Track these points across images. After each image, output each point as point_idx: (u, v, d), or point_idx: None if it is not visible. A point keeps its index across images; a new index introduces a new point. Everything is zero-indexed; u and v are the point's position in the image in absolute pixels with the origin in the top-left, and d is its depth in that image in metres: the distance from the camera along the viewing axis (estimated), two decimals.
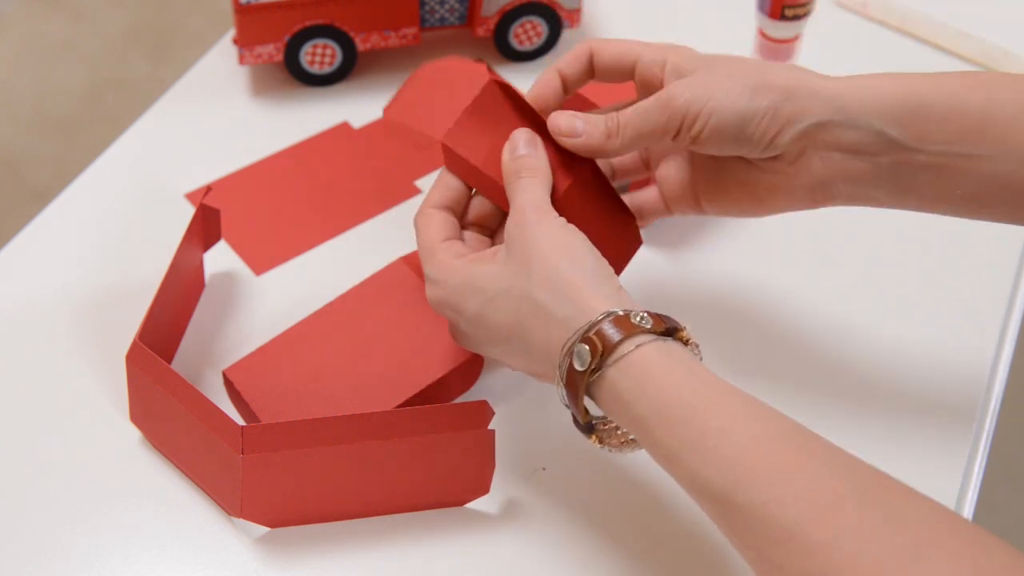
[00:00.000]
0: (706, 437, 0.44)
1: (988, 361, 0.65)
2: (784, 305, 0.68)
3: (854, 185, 0.54)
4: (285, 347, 0.61)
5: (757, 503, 0.42)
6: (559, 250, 0.50)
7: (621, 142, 0.54)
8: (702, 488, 0.44)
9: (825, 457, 0.44)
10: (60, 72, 1.93)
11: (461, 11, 0.83)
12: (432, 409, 0.54)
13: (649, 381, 0.46)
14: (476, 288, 0.52)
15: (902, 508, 0.41)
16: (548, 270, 0.49)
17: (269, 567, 0.55)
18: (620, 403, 0.47)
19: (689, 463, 0.45)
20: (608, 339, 0.47)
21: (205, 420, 0.54)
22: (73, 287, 0.68)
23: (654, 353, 0.47)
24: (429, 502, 0.57)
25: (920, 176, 0.53)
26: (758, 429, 0.44)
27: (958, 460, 0.60)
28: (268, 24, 0.79)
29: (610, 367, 0.47)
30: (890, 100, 0.52)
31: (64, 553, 0.56)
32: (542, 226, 0.51)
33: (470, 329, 0.54)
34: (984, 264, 0.70)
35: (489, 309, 0.51)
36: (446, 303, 0.54)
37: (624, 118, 0.54)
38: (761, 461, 0.43)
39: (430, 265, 0.54)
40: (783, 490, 0.42)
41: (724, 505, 0.43)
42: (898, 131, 0.52)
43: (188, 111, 0.81)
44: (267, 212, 0.74)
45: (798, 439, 0.44)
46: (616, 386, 0.47)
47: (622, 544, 0.56)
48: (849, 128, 0.52)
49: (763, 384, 0.63)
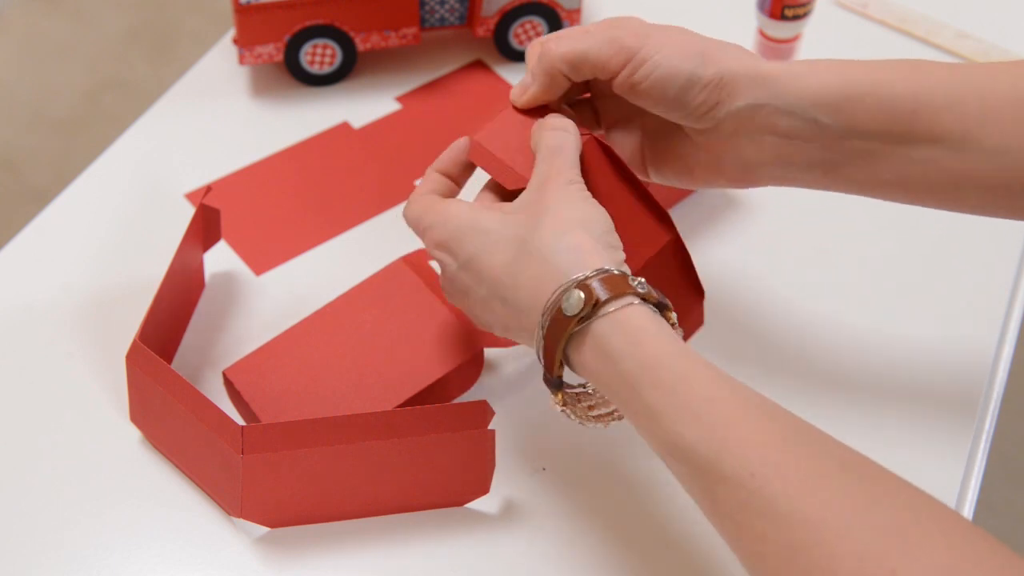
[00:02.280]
0: (693, 403, 0.44)
1: (988, 361, 0.65)
2: (783, 301, 0.68)
3: (784, 168, 0.55)
4: (285, 347, 0.61)
5: (744, 473, 0.42)
6: (575, 213, 0.50)
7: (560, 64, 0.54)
8: (684, 454, 0.44)
9: (813, 438, 0.44)
10: (60, 72, 1.93)
11: (461, 11, 0.83)
12: (432, 409, 0.54)
13: (641, 339, 0.46)
14: (480, 230, 0.51)
15: (888, 489, 0.41)
16: (558, 223, 0.49)
17: (269, 567, 0.55)
18: (606, 358, 0.46)
19: (673, 426, 0.44)
20: (603, 290, 0.46)
21: (205, 420, 0.54)
22: (73, 287, 0.68)
23: (645, 316, 0.47)
24: (429, 502, 0.57)
25: (850, 162, 0.54)
26: (746, 403, 0.44)
27: (958, 460, 0.60)
28: (268, 24, 0.79)
29: (601, 318, 0.46)
30: (825, 87, 0.52)
31: (64, 553, 0.56)
32: (564, 191, 0.51)
33: (461, 274, 0.52)
34: (983, 265, 0.70)
35: (487, 251, 0.51)
36: (442, 245, 0.53)
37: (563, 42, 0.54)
38: (749, 433, 0.43)
39: (432, 212, 0.54)
40: (771, 462, 0.42)
41: (707, 473, 0.43)
42: (830, 119, 0.53)
43: (188, 111, 0.81)
44: (267, 212, 0.74)
45: (785, 418, 0.44)
46: (606, 339, 0.46)
47: (622, 544, 0.56)
48: (783, 113, 0.53)
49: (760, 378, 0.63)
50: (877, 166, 0.54)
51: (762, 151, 0.54)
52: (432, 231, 0.54)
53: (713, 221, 0.73)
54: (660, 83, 0.53)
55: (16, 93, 1.90)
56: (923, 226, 0.73)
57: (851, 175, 0.54)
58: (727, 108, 0.53)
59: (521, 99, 0.56)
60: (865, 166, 0.54)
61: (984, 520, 0.45)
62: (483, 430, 0.55)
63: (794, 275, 0.70)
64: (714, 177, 0.57)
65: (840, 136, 0.53)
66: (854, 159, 0.54)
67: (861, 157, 0.54)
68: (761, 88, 0.53)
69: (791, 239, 0.72)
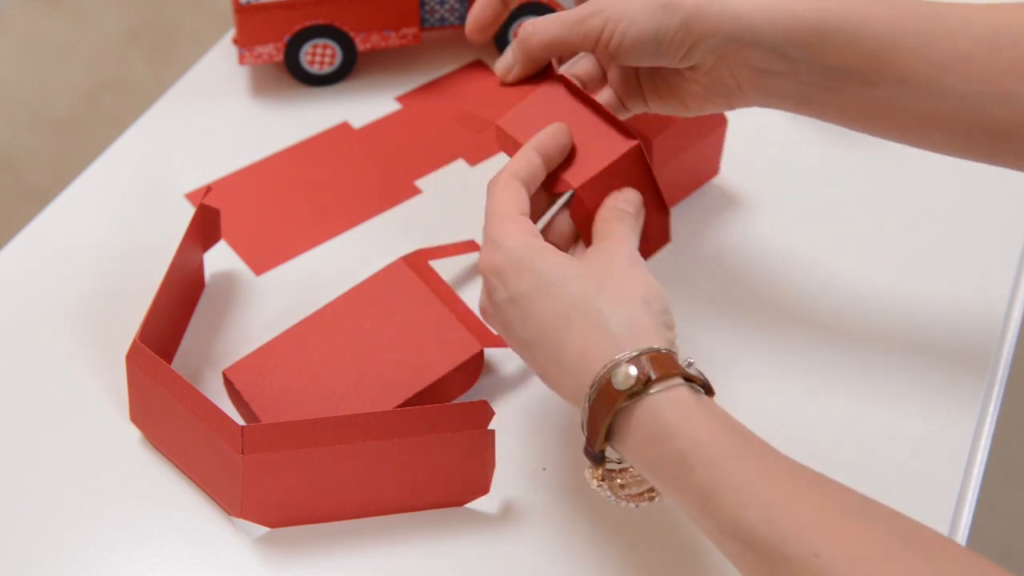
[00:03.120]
0: (751, 482, 0.43)
1: (988, 361, 0.65)
2: (783, 302, 0.68)
3: (764, 96, 0.57)
4: (285, 347, 0.61)
5: (808, 555, 0.41)
6: (639, 287, 0.50)
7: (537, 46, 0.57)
8: (744, 535, 0.43)
9: (871, 512, 0.43)
10: (60, 72, 1.93)
11: (461, 11, 0.83)
12: (432, 409, 0.54)
13: (694, 417, 0.45)
14: (536, 270, 0.50)
15: (954, 564, 0.41)
16: (624, 291, 0.49)
17: (269, 567, 0.55)
18: (655, 434, 0.45)
19: (730, 507, 0.43)
20: (652, 368, 0.46)
21: (205, 420, 0.54)
22: (73, 287, 0.68)
23: (695, 396, 0.46)
24: (429, 502, 0.57)
25: (819, 96, 0.55)
26: (803, 480, 0.44)
27: (958, 460, 0.60)
28: (268, 24, 0.79)
29: (652, 396, 0.46)
30: (796, 22, 0.53)
31: (64, 553, 0.56)
32: (634, 266, 0.51)
33: (508, 307, 0.51)
34: (983, 265, 0.70)
35: (540, 294, 0.50)
36: (498, 271, 0.51)
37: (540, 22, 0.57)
38: (810, 512, 0.42)
39: (499, 230, 0.52)
40: (834, 542, 0.41)
41: (769, 556, 0.42)
42: (800, 54, 0.53)
43: (188, 111, 0.81)
44: (267, 212, 0.74)
45: (843, 493, 0.44)
46: (657, 416, 0.45)
47: (622, 544, 0.56)
48: (755, 47, 0.54)
49: (760, 378, 0.63)
50: (845, 102, 0.54)
51: (741, 81, 0.56)
52: (491, 252, 0.52)
53: (713, 221, 0.73)
54: (632, 48, 0.55)
55: (16, 93, 1.90)
56: (923, 226, 0.73)
57: (821, 108, 0.56)
58: (702, 47, 0.54)
59: (507, 78, 0.60)
60: (834, 100, 0.55)
61: (984, 520, 0.45)
62: (483, 430, 0.55)
63: (794, 275, 0.70)
64: (704, 104, 0.59)
65: (810, 71, 0.54)
66: (823, 93, 0.54)
67: (830, 92, 0.54)
68: (731, 23, 0.53)
69: (791, 239, 0.72)
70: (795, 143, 0.79)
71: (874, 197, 0.75)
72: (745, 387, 0.63)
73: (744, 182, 0.75)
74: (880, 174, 0.76)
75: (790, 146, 0.79)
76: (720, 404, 0.48)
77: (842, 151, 0.79)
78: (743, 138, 0.78)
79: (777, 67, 0.54)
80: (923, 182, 0.76)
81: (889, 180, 0.76)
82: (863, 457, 0.60)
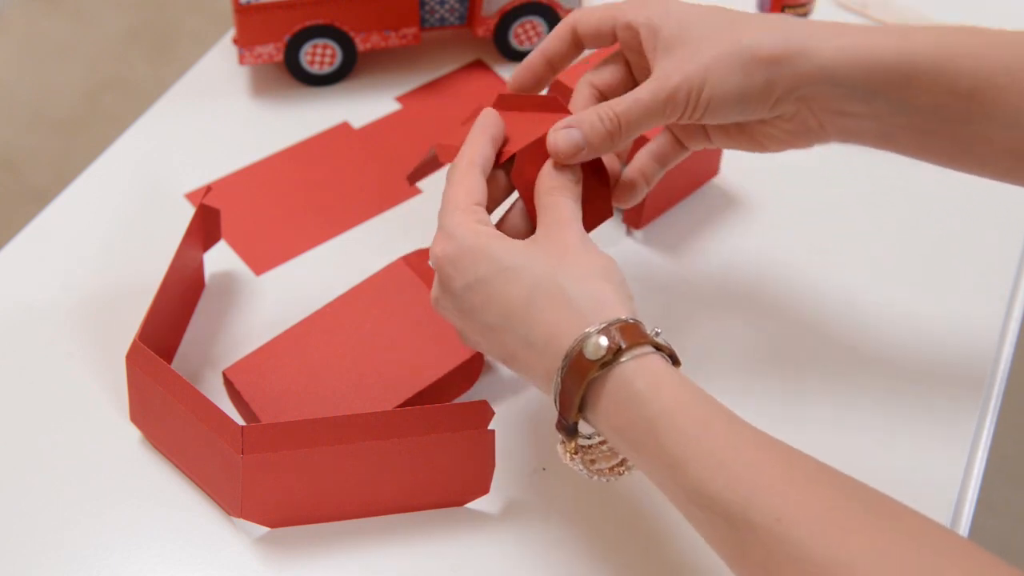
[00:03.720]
0: (717, 450, 0.44)
1: (988, 362, 0.65)
2: (783, 302, 0.68)
3: (845, 134, 0.55)
4: (285, 347, 0.61)
5: (771, 519, 0.42)
6: (595, 258, 0.50)
7: (624, 139, 0.54)
8: (708, 502, 0.44)
9: (834, 480, 0.44)
10: (60, 72, 1.93)
11: (461, 11, 0.83)
12: (432, 409, 0.54)
13: (663, 385, 0.46)
14: (493, 256, 0.50)
15: (912, 528, 0.41)
16: (581, 267, 0.49)
17: (269, 567, 0.55)
18: (627, 402, 0.46)
19: (697, 473, 0.44)
20: (622, 338, 0.46)
21: (205, 420, 0.54)
22: (73, 287, 0.68)
23: (662, 364, 0.47)
24: (429, 502, 0.57)
25: (903, 134, 0.54)
26: (768, 450, 0.44)
27: (958, 460, 0.60)
28: (268, 24, 0.79)
29: (622, 364, 0.46)
30: (882, 67, 0.52)
31: (64, 553, 0.56)
32: (584, 244, 0.51)
33: (467, 294, 0.51)
34: (983, 267, 0.70)
35: (500, 278, 0.50)
36: (452, 260, 0.51)
37: (624, 115, 0.53)
38: (774, 479, 0.43)
39: (450, 219, 0.52)
40: (797, 508, 0.42)
41: (733, 521, 0.43)
42: (884, 97, 0.52)
43: (188, 111, 0.81)
44: (267, 212, 0.74)
45: (806, 461, 0.44)
46: (628, 383, 0.46)
47: (622, 544, 0.56)
48: (840, 93, 0.53)
49: (760, 378, 0.63)
50: (930, 140, 0.54)
51: (824, 122, 0.55)
52: (441, 239, 0.52)
53: (713, 221, 0.73)
54: (717, 111, 0.53)
55: (16, 93, 1.90)
56: (923, 227, 0.73)
57: (905, 145, 0.55)
58: (788, 100, 0.53)
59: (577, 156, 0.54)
60: (919, 138, 0.54)
61: (984, 520, 0.45)
62: (483, 430, 0.55)
63: (793, 275, 0.70)
64: (783, 146, 0.57)
65: (894, 112, 0.53)
66: (907, 132, 0.54)
67: (915, 131, 0.53)
68: (815, 72, 0.52)
69: (791, 239, 0.72)
70: None
71: (874, 197, 0.75)
72: (743, 386, 0.63)
73: (744, 182, 0.75)
74: (880, 175, 0.76)
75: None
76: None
77: (842, 152, 0.79)
78: None
79: (861, 109, 0.53)
80: (923, 182, 0.76)
81: (889, 180, 0.76)
82: (863, 456, 0.60)
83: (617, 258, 0.69)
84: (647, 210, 0.70)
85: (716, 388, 0.48)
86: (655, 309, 0.67)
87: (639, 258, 0.71)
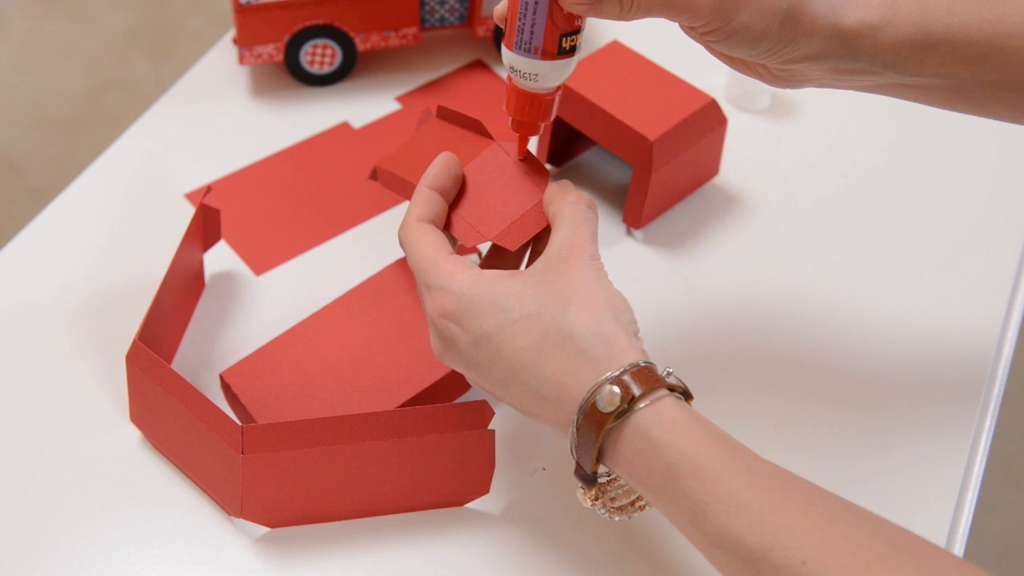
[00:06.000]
0: (738, 492, 0.43)
1: (988, 362, 0.65)
2: (782, 302, 0.68)
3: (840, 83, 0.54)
4: (282, 350, 0.61)
5: (796, 562, 0.41)
6: (604, 297, 0.48)
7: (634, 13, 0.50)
8: (732, 545, 0.43)
9: (856, 519, 0.43)
10: (60, 72, 1.94)
11: (461, 11, 0.83)
12: (432, 409, 0.54)
13: (680, 429, 0.45)
14: (498, 306, 0.48)
15: (937, 568, 0.41)
16: (591, 308, 0.48)
17: (269, 567, 0.55)
18: (645, 450, 0.45)
19: (718, 517, 0.43)
20: (636, 385, 0.45)
21: (205, 420, 0.54)
22: (73, 287, 0.68)
23: (679, 406, 0.46)
24: (429, 502, 0.57)
25: (908, 91, 0.54)
26: (787, 488, 0.44)
27: (958, 460, 0.60)
28: (268, 24, 0.79)
29: (638, 412, 0.45)
30: (901, 42, 0.51)
31: (64, 553, 0.56)
32: (590, 266, 0.49)
33: (472, 350, 0.49)
34: (983, 267, 0.71)
35: (506, 331, 0.48)
36: (452, 315, 0.49)
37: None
38: (797, 519, 0.42)
39: (438, 274, 0.50)
40: (822, 549, 0.41)
41: (757, 564, 0.42)
42: (897, 68, 0.52)
43: (188, 111, 0.81)
44: (267, 212, 0.74)
45: (828, 499, 0.44)
46: (647, 432, 0.45)
47: (621, 544, 0.56)
48: (853, 62, 0.52)
49: (760, 378, 0.63)
50: (932, 94, 0.54)
51: (822, 77, 0.54)
52: (438, 297, 0.50)
53: (713, 221, 0.73)
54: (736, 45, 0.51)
55: (16, 93, 1.90)
56: (923, 227, 0.73)
57: (905, 95, 0.55)
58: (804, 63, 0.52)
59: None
60: (922, 93, 0.54)
61: (984, 520, 0.45)
62: (483, 430, 0.55)
63: (793, 275, 0.70)
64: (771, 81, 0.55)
65: (901, 75, 0.53)
66: (913, 90, 0.54)
67: (919, 90, 0.54)
68: (839, 45, 0.51)
69: (791, 239, 0.72)
70: (795, 143, 0.79)
71: (874, 198, 0.75)
72: (743, 387, 0.63)
73: (744, 182, 0.75)
74: (880, 175, 0.76)
75: (790, 146, 0.79)
76: (717, 404, 0.48)
77: (842, 151, 0.79)
78: (743, 138, 0.78)
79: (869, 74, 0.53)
80: (923, 182, 0.76)
81: (889, 181, 0.76)
82: (863, 457, 0.60)
83: (617, 258, 0.70)
84: (647, 210, 0.70)
85: (716, 388, 0.48)
86: (655, 309, 0.67)
87: (639, 258, 0.71)
